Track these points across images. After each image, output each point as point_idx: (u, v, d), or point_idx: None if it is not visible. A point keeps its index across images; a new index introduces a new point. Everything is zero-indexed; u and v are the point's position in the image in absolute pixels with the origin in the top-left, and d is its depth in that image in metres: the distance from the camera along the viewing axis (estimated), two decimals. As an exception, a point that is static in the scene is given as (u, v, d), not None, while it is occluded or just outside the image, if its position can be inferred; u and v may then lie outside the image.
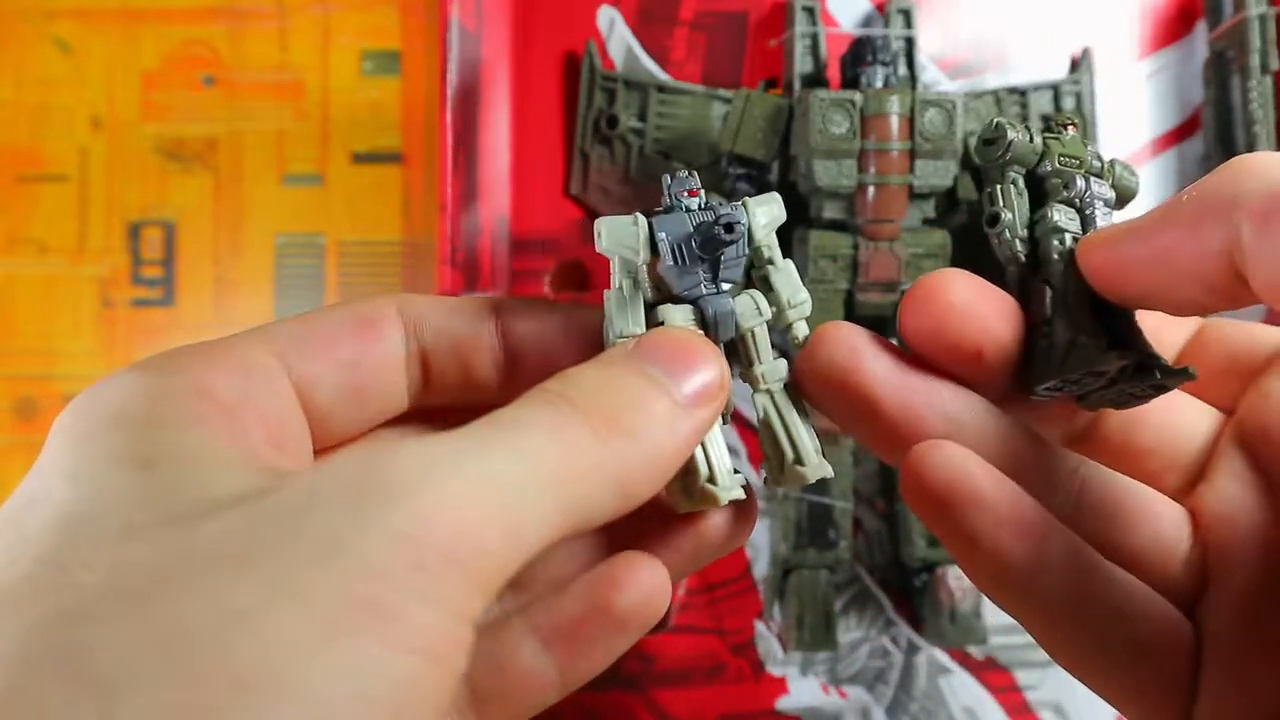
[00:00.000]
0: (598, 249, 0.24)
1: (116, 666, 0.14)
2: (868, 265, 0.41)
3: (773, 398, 0.25)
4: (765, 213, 0.25)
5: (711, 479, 0.24)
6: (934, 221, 0.43)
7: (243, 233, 0.49)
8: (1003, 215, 0.25)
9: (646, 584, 0.23)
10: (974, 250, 0.44)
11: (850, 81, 0.43)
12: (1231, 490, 0.24)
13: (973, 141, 0.43)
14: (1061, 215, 0.24)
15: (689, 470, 0.24)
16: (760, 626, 0.46)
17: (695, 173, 0.25)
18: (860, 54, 0.42)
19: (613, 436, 0.20)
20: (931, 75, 0.47)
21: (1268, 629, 0.23)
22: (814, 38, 0.45)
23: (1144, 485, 0.25)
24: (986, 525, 0.22)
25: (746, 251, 0.25)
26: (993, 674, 0.46)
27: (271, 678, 0.15)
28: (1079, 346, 0.23)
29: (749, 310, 0.25)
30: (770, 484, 0.26)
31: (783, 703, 0.46)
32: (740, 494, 0.24)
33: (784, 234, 0.26)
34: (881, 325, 0.39)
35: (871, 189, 0.41)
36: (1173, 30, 0.48)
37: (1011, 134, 0.25)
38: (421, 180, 0.48)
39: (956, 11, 0.48)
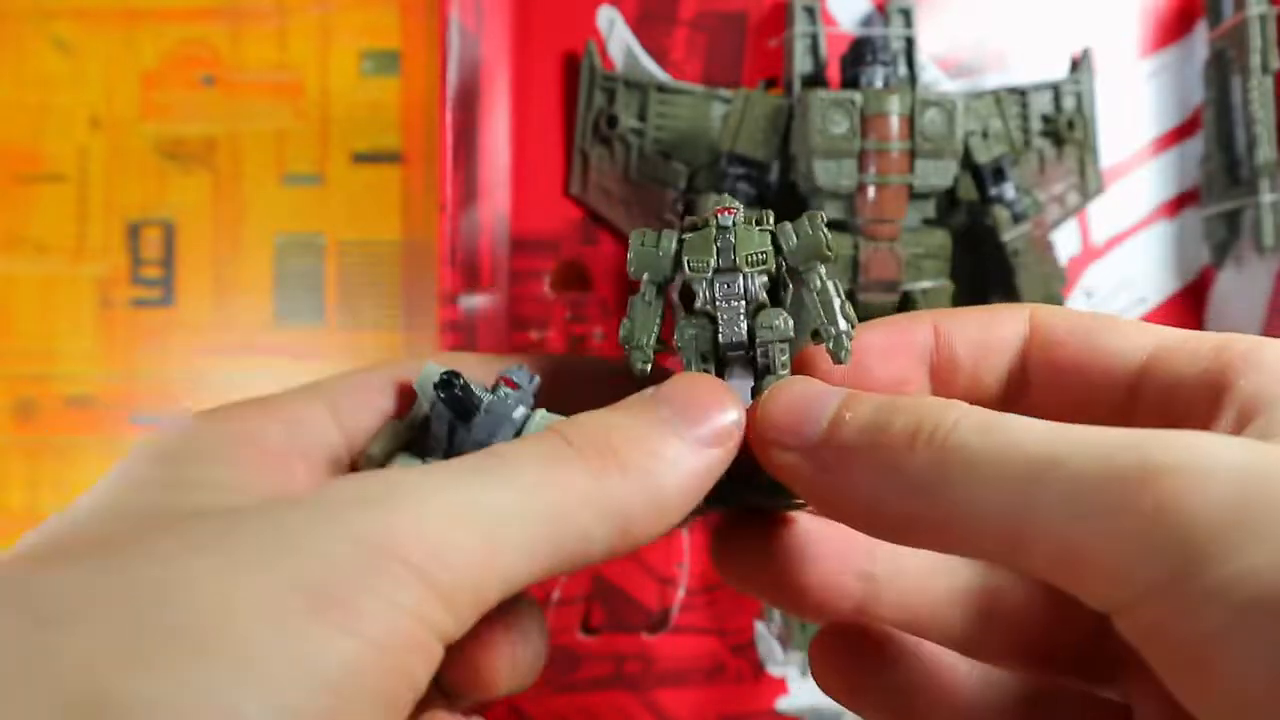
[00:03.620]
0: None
1: (62, 605, 0.16)
2: (868, 265, 0.41)
3: None
4: None
5: None
6: (934, 221, 0.43)
7: (242, 233, 0.49)
8: (622, 328, 0.23)
9: None
10: (974, 250, 0.44)
11: (850, 81, 0.42)
12: None
13: (973, 141, 0.43)
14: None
15: None
16: (760, 627, 0.46)
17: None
18: (860, 54, 0.42)
19: (608, 473, 0.19)
20: (931, 75, 0.47)
21: None
22: (814, 38, 0.45)
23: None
24: None
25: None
26: (993, 674, 0.46)
27: (207, 633, 0.15)
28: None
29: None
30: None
31: (783, 703, 0.46)
32: None
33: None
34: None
35: (871, 189, 0.41)
36: (1173, 30, 0.48)
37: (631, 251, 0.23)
38: (421, 180, 0.48)
39: (956, 11, 0.48)
